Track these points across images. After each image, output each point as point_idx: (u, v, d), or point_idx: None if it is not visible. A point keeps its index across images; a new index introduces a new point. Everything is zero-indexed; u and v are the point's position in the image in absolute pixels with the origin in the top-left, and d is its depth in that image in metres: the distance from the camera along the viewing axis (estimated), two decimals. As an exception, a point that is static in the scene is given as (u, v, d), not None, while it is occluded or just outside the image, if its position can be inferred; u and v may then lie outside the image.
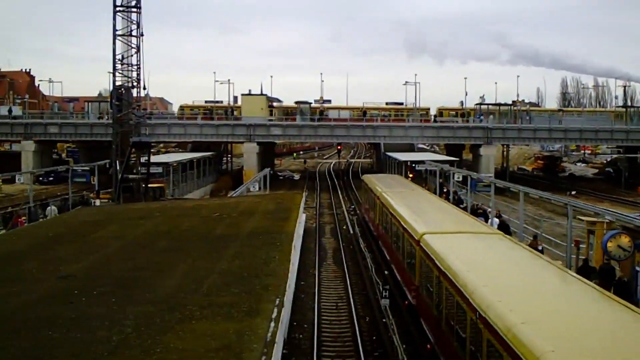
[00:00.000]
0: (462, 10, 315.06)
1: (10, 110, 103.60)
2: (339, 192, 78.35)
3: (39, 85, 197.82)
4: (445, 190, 58.71)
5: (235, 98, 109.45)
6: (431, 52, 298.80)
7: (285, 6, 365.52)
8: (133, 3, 50.20)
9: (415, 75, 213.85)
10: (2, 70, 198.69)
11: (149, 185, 53.66)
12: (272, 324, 12.97)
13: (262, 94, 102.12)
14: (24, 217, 48.12)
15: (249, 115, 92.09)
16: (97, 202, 52.63)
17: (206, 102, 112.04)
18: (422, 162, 70.34)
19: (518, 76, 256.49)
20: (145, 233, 26.64)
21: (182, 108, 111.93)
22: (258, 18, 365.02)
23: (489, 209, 43.99)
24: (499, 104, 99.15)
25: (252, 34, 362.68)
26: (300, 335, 23.81)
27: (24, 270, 19.19)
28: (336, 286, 32.17)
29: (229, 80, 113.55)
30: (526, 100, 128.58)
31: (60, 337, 12.47)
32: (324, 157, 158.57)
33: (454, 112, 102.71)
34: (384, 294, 27.11)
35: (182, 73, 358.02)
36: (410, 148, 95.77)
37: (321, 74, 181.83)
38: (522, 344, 11.57)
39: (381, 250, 37.31)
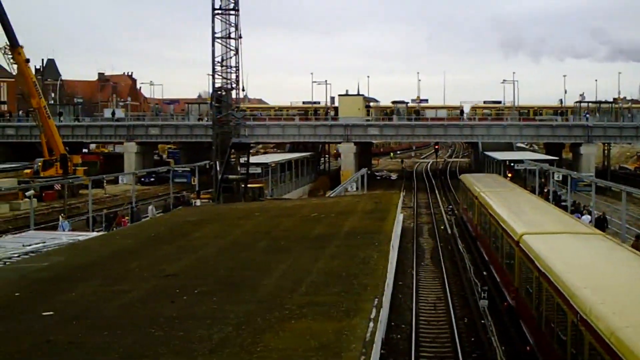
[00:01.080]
0: (557, 7, 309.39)
1: (113, 113, 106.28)
2: (437, 192, 77.86)
3: (140, 88, 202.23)
4: (545, 189, 57.78)
5: (333, 99, 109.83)
6: (527, 50, 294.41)
7: (380, 7, 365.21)
8: (231, 6, 50.88)
9: (514, 73, 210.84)
10: (105, 74, 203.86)
11: (249, 186, 54.27)
12: (371, 324, 12.97)
13: (359, 94, 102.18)
14: (126, 217, 49.31)
15: (346, 115, 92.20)
16: (198, 202, 53.49)
17: (304, 103, 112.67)
18: (521, 161, 69.34)
19: (620, 73, 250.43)
20: (245, 233, 26.97)
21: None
22: (353, 19, 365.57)
23: (590, 209, 43.16)
24: (599, 102, 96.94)
25: (348, 35, 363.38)
26: (398, 336, 23.77)
27: (128, 269, 19.66)
28: (434, 286, 32.01)
29: (326, 81, 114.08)
30: (627, 98, 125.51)
31: (163, 335, 12.72)
32: (421, 157, 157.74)
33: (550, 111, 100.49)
34: (482, 294, 26.86)
35: (280, 74, 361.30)
36: (509, 147, 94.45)
37: (418, 73, 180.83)
38: (626, 349, 11.29)
39: (479, 250, 36.97)
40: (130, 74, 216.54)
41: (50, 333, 12.97)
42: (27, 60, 77.62)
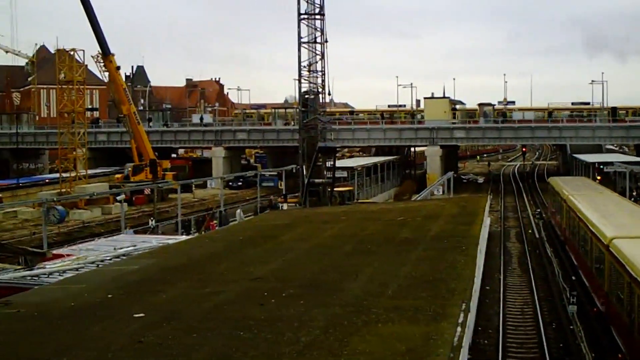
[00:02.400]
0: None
1: (201, 118, 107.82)
2: (524, 195, 76.80)
3: (227, 93, 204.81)
4: (635, 192, 56.53)
5: (418, 102, 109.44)
6: (612, 49, 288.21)
7: (461, 8, 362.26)
8: (317, 11, 51.15)
9: (602, 73, 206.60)
10: (193, 80, 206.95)
11: (339, 189, 54.46)
12: (459, 329, 12.90)
13: (444, 97, 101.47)
14: (215, 221, 49.97)
15: (432, 118, 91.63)
16: (285, 206, 53.90)
17: (389, 106, 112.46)
18: (611, 163, 67.94)
19: None
20: (331, 236, 27.08)
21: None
22: (437, 22, 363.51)
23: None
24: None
25: (431, 37, 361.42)
26: (485, 341, 23.53)
27: (217, 272, 19.95)
28: (521, 291, 31.59)
29: (411, 84, 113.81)
30: None
31: (251, 337, 12.86)
32: (508, 160, 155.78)
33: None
34: (571, 300, 26.39)
35: (365, 78, 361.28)
36: (598, 149, 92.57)
37: (504, 75, 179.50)
38: None
39: (568, 254, 36.36)
40: (217, 79, 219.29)
41: (141, 334, 13.25)
42: (118, 68, 79.36)
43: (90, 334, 13.42)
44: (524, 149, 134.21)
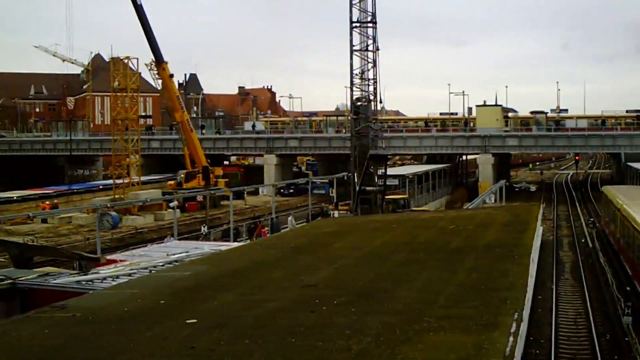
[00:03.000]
0: None
1: (253, 126, 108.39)
2: (577, 205, 75.91)
3: (279, 101, 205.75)
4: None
5: (470, 109, 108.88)
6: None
7: (512, 15, 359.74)
8: (369, 18, 51.14)
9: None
10: (246, 88, 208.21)
11: (394, 197, 54.36)
12: (511, 338, 12.79)
13: (496, 105, 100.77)
14: (266, 228, 50.18)
15: (484, 126, 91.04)
16: (336, 214, 53.92)
17: (441, 114, 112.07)
18: (667, 172, 66.90)
19: None
20: (383, 244, 27.04)
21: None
22: (489, 29, 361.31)
23: None
24: None
25: (485, 45, 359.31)
26: (537, 351, 23.30)
27: (268, 279, 20.03)
28: (574, 301, 31.23)
29: (463, 91, 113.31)
30: None
31: (302, 345, 12.88)
32: (561, 168, 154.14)
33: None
34: (625, 311, 26.02)
35: (417, 86, 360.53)
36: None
37: (557, 82, 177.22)
38: None
39: (622, 264, 35.85)
40: (269, 87, 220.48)
41: (193, 340, 13.35)
42: (171, 76, 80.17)
43: (144, 339, 13.57)
44: (577, 157, 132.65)
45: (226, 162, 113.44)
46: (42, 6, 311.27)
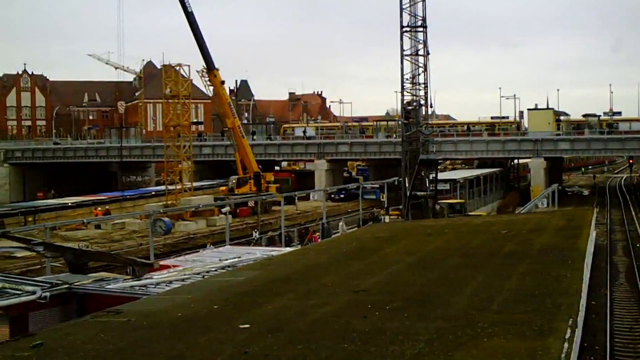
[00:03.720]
0: None
1: (304, 131, 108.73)
2: (631, 209, 74.83)
3: (330, 106, 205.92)
4: None
5: (521, 113, 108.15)
6: None
7: (562, 18, 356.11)
8: (419, 23, 51.15)
9: None
10: (296, 93, 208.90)
11: (449, 201, 54.16)
12: (566, 345, 12.68)
13: (548, 108, 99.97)
14: (318, 233, 50.29)
15: (536, 130, 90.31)
16: (387, 219, 53.87)
17: (492, 118, 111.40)
18: None
19: None
20: (435, 249, 26.95)
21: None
22: (540, 32, 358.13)
23: None
24: None
25: (536, 47, 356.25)
26: (592, 358, 23.01)
27: (321, 284, 20.07)
28: (630, 307, 30.75)
29: (514, 95, 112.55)
30: None
31: (356, 350, 12.90)
32: (615, 172, 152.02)
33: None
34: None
35: (468, 89, 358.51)
36: None
37: (610, 85, 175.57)
38: None
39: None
40: (320, 92, 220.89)
41: (246, 345, 13.43)
42: (223, 82, 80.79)
43: (198, 344, 13.70)
44: (630, 161, 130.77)
45: (277, 168, 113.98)
46: (96, 15, 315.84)
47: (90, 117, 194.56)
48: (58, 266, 38.68)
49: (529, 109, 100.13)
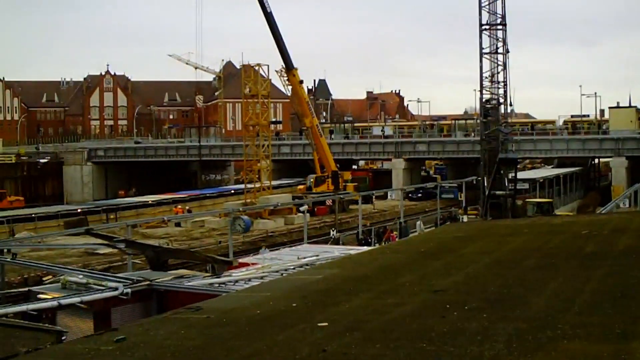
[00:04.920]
0: None
1: (382, 130, 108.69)
2: None
3: (407, 105, 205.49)
4: None
5: (603, 111, 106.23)
6: None
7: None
8: (498, 21, 50.65)
9: None
10: (374, 92, 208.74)
11: (537, 200, 53.52)
12: (650, 348, 12.41)
13: (630, 106, 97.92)
14: (395, 232, 50.20)
15: (617, 128, 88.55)
16: (465, 218, 53.54)
17: (572, 116, 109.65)
18: None
19: None
20: (513, 250, 26.62)
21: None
22: (621, 27, 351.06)
23: None
24: None
25: (617, 44, 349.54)
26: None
27: (398, 283, 20.01)
28: None
29: (595, 93, 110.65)
30: None
31: (434, 350, 12.82)
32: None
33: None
34: None
35: (547, 88, 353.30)
36: None
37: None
38: None
39: None
40: (397, 91, 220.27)
41: (325, 343, 13.46)
42: (301, 82, 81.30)
43: (276, 342, 13.78)
44: None
45: (355, 167, 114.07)
46: (176, 16, 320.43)
47: (171, 117, 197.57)
48: (139, 263, 39.44)
49: (610, 107, 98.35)
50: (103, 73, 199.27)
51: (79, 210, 78.47)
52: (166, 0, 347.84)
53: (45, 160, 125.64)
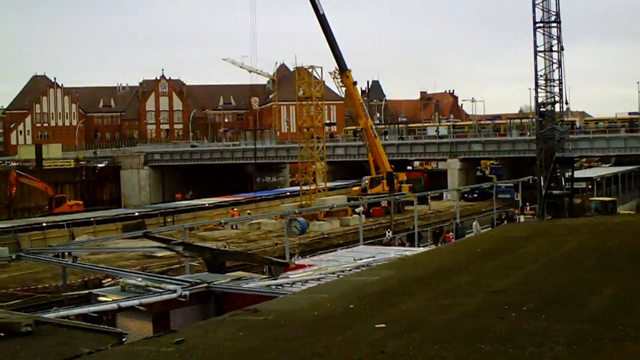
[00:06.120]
0: None
1: (437, 131, 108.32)
2: None
3: (462, 105, 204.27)
4: None
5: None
6: None
7: None
8: (552, 18, 50.08)
9: None
10: (428, 93, 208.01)
11: (601, 199, 52.94)
12: None
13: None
14: (451, 233, 49.97)
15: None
16: (522, 218, 53.09)
17: (629, 114, 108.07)
18: None
19: None
20: (572, 249, 26.34)
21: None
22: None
23: None
24: None
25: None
26: None
27: (455, 284, 19.93)
28: None
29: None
30: None
31: (492, 351, 12.75)
32: None
33: None
34: None
35: (603, 85, 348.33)
36: None
37: None
38: None
39: None
40: (451, 91, 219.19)
41: (383, 344, 13.46)
42: (355, 83, 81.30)
43: (335, 343, 13.81)
44: None
45: (409, 167, 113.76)
46: (229, 20, 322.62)
47: (226, 120, 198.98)
48: (196, 265, 39.80)
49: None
50: (158, 78, 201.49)
51: (136, 214, 79.43)
52: (218, 4, 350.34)
53: (103, 165, 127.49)
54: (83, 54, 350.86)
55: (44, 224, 71.89)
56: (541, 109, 51.16)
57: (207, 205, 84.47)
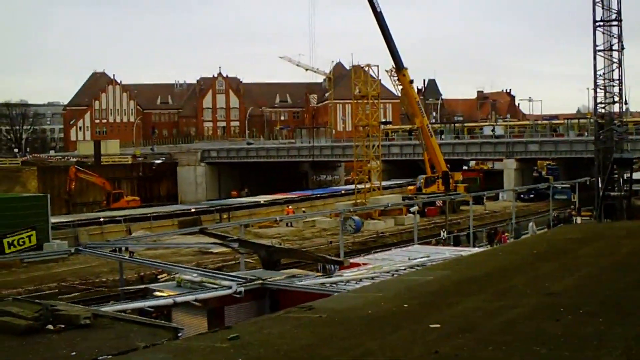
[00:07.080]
0: None
1: (493, 130, 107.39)
2: None
3: (519, 104, 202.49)
4: None
5: None
6: None
7: None
8: (613, 16, 49.39)
9: None
10: (484, 92, 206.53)
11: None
12: None
13: None
14: (507, 234, 49.60)
15: None
16: (578, 220, 52.50)
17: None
18: None
19: None
20: (630, 252, 25.97)
21: None
22: None
23: None
24: None
25: None
26: None
27: (510, 285, 19.79)
28: None
29: None
30: None
31: (548, 354, 12.64)
32: None
33: None
34: None
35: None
36: None
37: None
38: None
39: None
40: (508, 90, 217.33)
41: (437, 344, 13.42)
42: (411, 82, 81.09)
43: (389, 342, 13.82)
44: None
45: (465, 167, 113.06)
46: (286, 18, 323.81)
47: (282, 118, 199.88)
48: (251, 262, 40.06)
49: None
50: (215, 75, 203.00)
51: (192, 210, 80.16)
52: (276, 2, 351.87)
53: (160, 161, 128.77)
54: (142, 52, 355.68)
55: (102, 219, 72.92)
56: (600, 109, 50.55)
57: (262, 202, 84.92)
